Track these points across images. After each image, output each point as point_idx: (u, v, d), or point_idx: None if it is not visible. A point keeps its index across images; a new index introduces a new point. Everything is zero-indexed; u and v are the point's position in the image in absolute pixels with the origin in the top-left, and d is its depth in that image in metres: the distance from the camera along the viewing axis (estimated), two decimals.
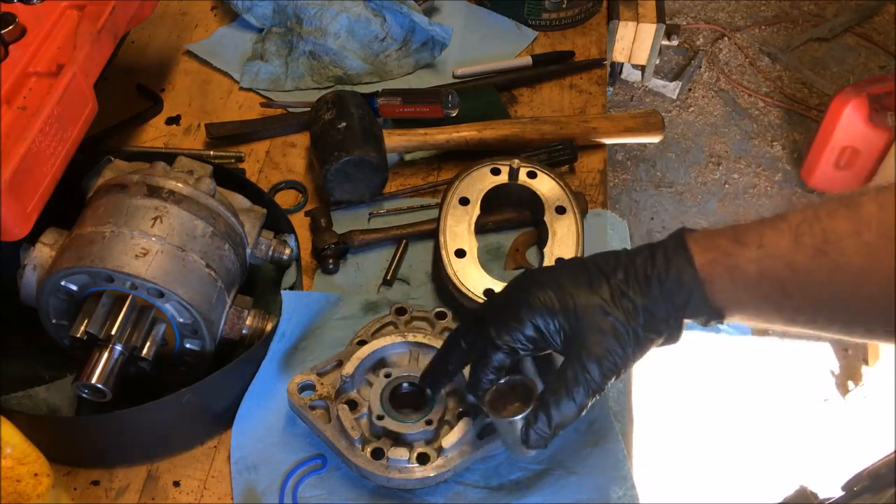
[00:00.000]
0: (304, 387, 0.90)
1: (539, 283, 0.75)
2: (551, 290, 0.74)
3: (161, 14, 1.42)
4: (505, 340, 0.75)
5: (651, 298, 0.73)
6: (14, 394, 0.93)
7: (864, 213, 0.66)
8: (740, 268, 0.70)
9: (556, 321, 0.74)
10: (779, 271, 0.69)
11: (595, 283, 0.74)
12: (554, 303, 0.74)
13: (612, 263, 0.75)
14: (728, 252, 0.71)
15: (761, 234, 0.70)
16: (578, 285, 0.74)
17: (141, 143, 1.23)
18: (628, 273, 0.74)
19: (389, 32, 1.33)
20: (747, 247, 0.70)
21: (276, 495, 0.88)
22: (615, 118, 1.23)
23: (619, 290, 0.73)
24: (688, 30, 3.35)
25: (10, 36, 0.91)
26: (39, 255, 0.89)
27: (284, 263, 1.01)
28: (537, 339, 0.75)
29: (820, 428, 2.26)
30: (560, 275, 0.76)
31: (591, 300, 0.73)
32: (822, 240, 0.66)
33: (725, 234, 0.73)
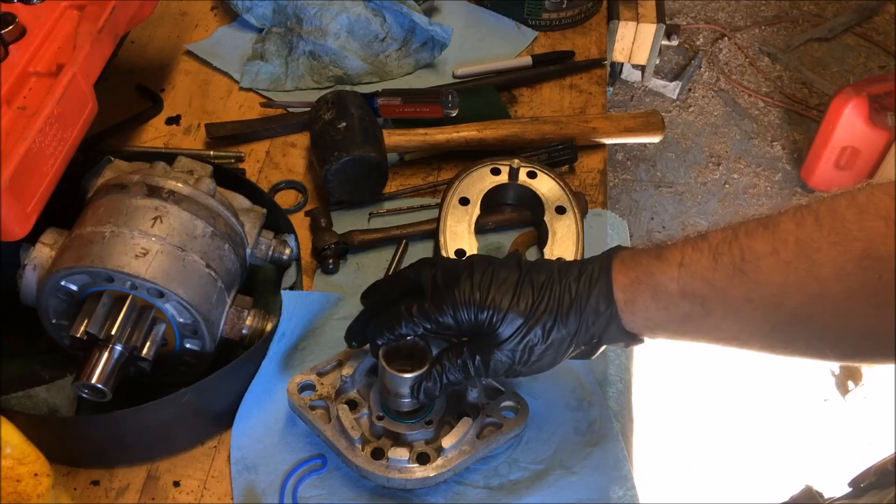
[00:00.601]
0: (304, 387, 0.90)
1: (470, 278, 0.78)
2: (478, 291, 0.77)
3: (161, 14, 1.42)
4: (419, 326, 0.79)
5: (567, 327, 0.76)
6: (14, 394, 0.92)
7: (780, 232, 0.67)
8: (661, 286, 0.72)
9: (475, 314, 0.77)
10: (698, 289, 0.70)
11: (521, 296, 0.77)
12: (476, 301, 0.77)
13: (545, 278, 0.78)
14: (650, 270, 0.73)
15: (683, 253, 0.72)
16: (506, 293, 0.77)
17: (141, 143, 1.23)
18: (552, 296, 0.77)
19: (389, 32, 1.33)
20: (669, 265, 0.72)
21: (276, 495, 0.88)
22: (615, 118, 1.23)
23: (539, 311, 0.76)
24: (688, 30, 3.35)
25: (10, 36, 0.91)
26: (39, 255, 0.89)
27: (284, 263, 1.01)
28: (451, 326, 0.79)
29: (820, 428, 2.26)
30: (492, 277, 0.78)
31: (512, 311, 0.76)
32: (740, 258, 0.68)
33: (649, 252, 0.75)
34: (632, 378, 1.01)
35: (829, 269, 0.64)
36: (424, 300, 0.80)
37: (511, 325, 0.76)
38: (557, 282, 0.77)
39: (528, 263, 0.81)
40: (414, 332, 0.80)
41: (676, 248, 0.73)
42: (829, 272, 0.64)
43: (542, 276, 0.78)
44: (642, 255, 0.76)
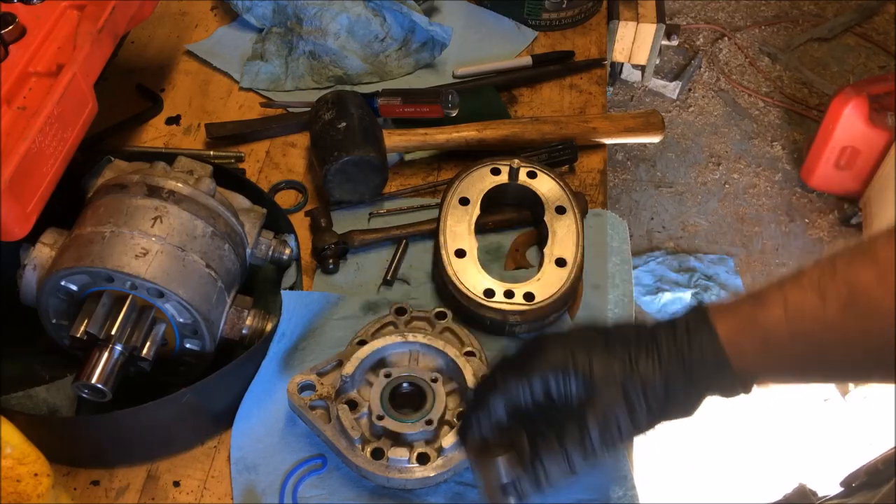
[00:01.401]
0: (304, 387, 0.90)
1: (555, 342, 0.72)
2: (568, 350, 0.70)
3: (161, 14, 1.42)
4: (509, 387, 0.71)
5: (671, 377, 0.69)
6: (14, 394, 0.93)
7: (882, 259, 0.64)
8: (771, 331, 0.67)
9: (568, 381, 0.70)
10: (812, 329, 0.66)
11: (613, 351, 0.70)
12: (568, 362, 0.70)
13: (633, 335, 0.71)
14: (753, 317, 0.68)
15: (784, 295, 0.67)
16: (596, 350, 0.70)
17: (141, 143, 1.23)
18: (649, 347, 0.70)
19: (389, 32, 1.33)
20: (772, 308, 0.67)
21: (276, 495, 0.88)
22: (615, 118, 1.23)
23: (638, 362, 0.70)
24: (688, 30, 3.35)
25: (10, 36, 0.91)
26: (39, 255, 0.89)
27: (284, 263, 1.01)
28: (543, 395, 0.71)
29: (820, 427, 2.26)
30: (578, 338, 0.72)
31: (609, 367, 0.70)
32: (848, 292, 0.64)
33: (745, 300, 0.70)
34: None
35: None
36: (509, 371, 0.71)
37: (609, 388, 0.69)
38: (650, 338, 0.70)
39: (607, 326, 0.73)
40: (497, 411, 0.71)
41: (774, 291, 0.68)
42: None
43: (629, 333, 0.71)
44: (738, 303, 0.70)
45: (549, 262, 1.03)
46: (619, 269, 1.10)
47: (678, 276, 2.55)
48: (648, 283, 2.54)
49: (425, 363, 0.93)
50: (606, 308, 1.04)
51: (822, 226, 2.72)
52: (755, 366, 0.69)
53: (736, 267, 2.61)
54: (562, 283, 1.01)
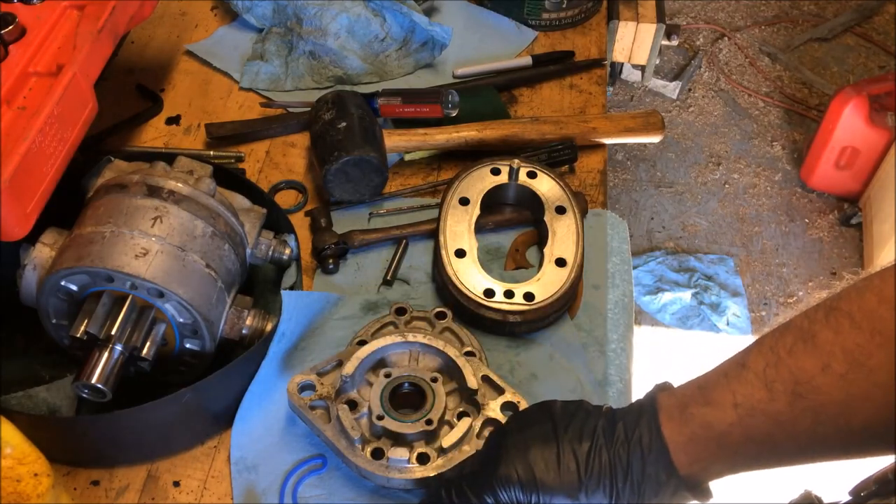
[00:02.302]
0: (304, 387, 0.90)
1: (507, 456, 0.73)
2: (518, 466, 0.72)
3: (161, 14, 1.42)
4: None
5: (619, 495, 0.71)
6: (14, 394, 0.93)
7: (822, 343, 0.63)
8: (724, 435, 0.67)
9: (517, 500, 0.72)
10: (763, 426, 0.66)
11: (565, 471, 0.71)
12: (517, 480, 0.72)
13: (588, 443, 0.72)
14: (706, 422, 0.68)
15: (732, 391, 0.67)
16: (547, 469, 0.71)
17: (141, 143, 1.23)
18: (601, 468, 0.71)
19: (389, 32, 1.33)
20: (724, 409, 0.67)
21: (276, 495, 0.88)
22: (615, 118, 1.23)
23: (588, 484, 0.71)
24: (688, 30, 3.35)
25: (10, 36, 0.91)
26: (39, 255, 0.89)
27: (284, 263, 1.01)
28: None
29: None
30: (529, 445, 0.73)
31: (559, 492, 0.71)
32: (794, 382, 0.64)
33: (695, 398, 0.70)
34: (631, 378, 1.01)
35: (885, 375, 0.60)
36: (462, 483, 0.74)
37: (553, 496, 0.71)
38: (605, 449, 0.71)
39: (563, 420, 0.74)
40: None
41: (721, 387, 0.68)
42: (885, 377, 0.60)
43: (584, 443, 0.72)
44: (688, 402, 0.70)
45: (549, 262, 1.03)
46: (619, 269, 1.10)
47: (678, 276, 2.56)
48: (648, 283, 2.54)
49: (425, 363, 0.93)
50: (606, 308, 1.05)
51: (822, 226, 2.72)
52: (707, 471, 0.70)
53: (736, 267, 2.61)
54: (562, 283, 1.01)
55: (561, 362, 0.99)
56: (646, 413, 0.72)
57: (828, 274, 2.59)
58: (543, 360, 0.99)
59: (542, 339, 1.01)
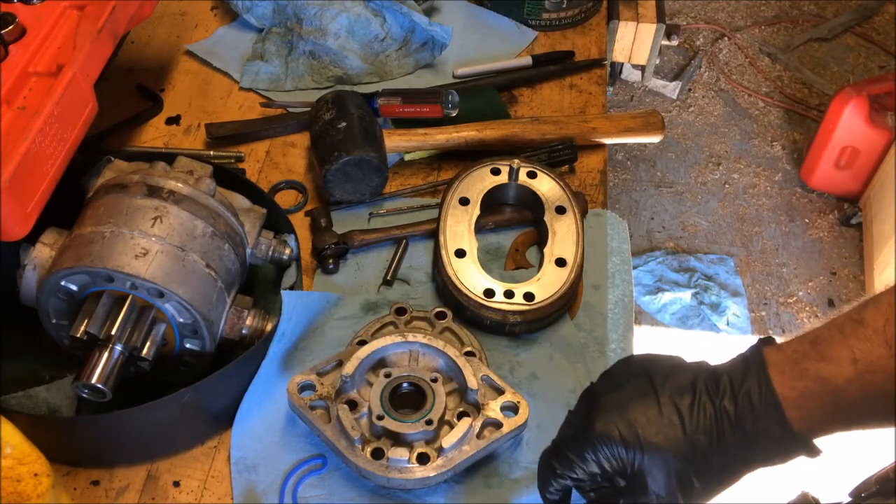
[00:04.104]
0: (304, 387, 0.90)
1: (605, 414, 0.70)
2: (618, 423, 0.69)
3: (161, 14, 1.42)
4: (564, 472, 0.72)
5: (730, 458, 0.68)
6: (14, 394, 0.93)
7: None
8: (842, 391, 0.65)
9: (619, 457, 0.69)
10: (883, 383, 0.64)
11: (667, 420, 0.68)
12: (619, 436, 0.69)
13: (689, 398, 0.69)
14: (821, 377, 0.65)
15: (850, 347, 0.65)
16: (647, 424, 0.68)
17: (141, 143, 1.23)
18: (708, 418, 0.68)
19: (389, 32, 1.33)
20: (841, 364, 0.65)
21: (276, 495, 0.88)
22: (615, 118, 1.23)
23: (695, 439, 0.68)
24: (688, 30, 3.35)
25: (10, 36, 0.91)
26: (39, 255, 0.89)
27: (284, 263, 1.01)
28: (599, 473, 0.71)
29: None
30: (629, 400, 0.70)
31: (660, 447, 0.68)
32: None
33: (808, 353, 0.67)
34: None
35: None
36: (562, 447, 0.72)
37: (662, 464, 0.67)
38: (709, 402, 0.68)
39: (660, 374, 0.71)
40: (563, 486, 0.72)
41: (838, 343, 0.65)
42: None
43: (686, 396, 0.69)
44: (801, 357, 0.67)
45: (549, 262, 1.03)
46: (619, 269, 1.10)
47: (678, 276, 2.55)
48: (648, 283, 2.54)
49: (425, 363, 0.93)
50: (606, 308, 1.04)
51: (821, 226, 2.72)
52: (820, 427, 0.67)
53: (736, 267, 2.61)
54: (562, 283, 1.01)
55: (561, 362, 0.99)
56: (753, 367, 0.68)
57: (828, 274, 2.59)
58: (543, 360, 0.99)
59: (542, 339, 1.01)
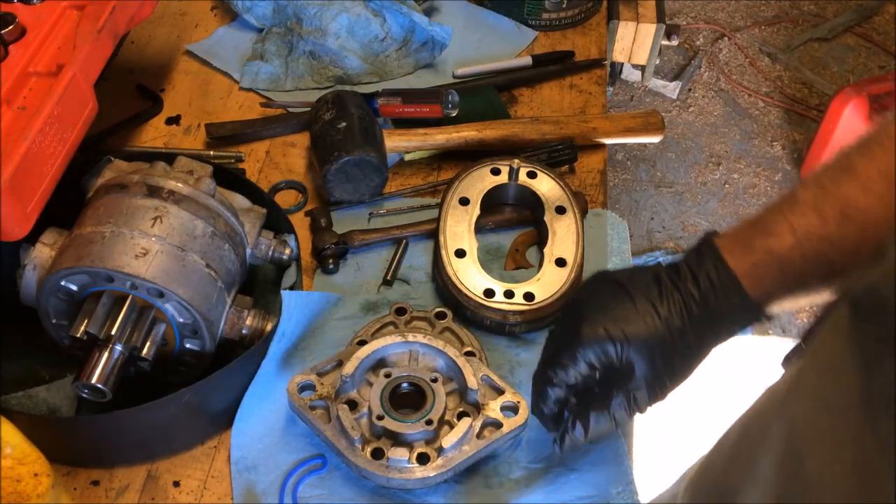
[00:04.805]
0: (304, 387, 0.90)
1: (590, 321, 0.77)
2: (604, 324, 0.76)
3: (161, 14, 1.42)
4: (559, 379, 0.78)
5: (701, 328, 0.75)
6: (14, 394, 0.93)
7: (860, 171, 0.70)
8: (786, 258, 0.73)
9: (608, 354, 0.76)
10: (818, 248, 0.72)
11: (643, 312, 0.76)
12: (607, 336, 0.76)
13: (655, 289, 0.77)
14: (767, 248, 0.74)
15: (788, 221, 0.73)
16: (626, 315, 0.76)
17: (141, 143, 1.23)
18: (675, 301, 0.76)
19: (389, 32, 1.33)
20: (782, 236, 0.73)
21: (276, 495, 0.88)
22: (615, 118, 1.23)
23: (670, 322, 0.75)
24: (688, 30, 3.35)
25: (10, 36, 0.91)
26: (39, 255, 0.89)
27: (284, 263, 1.01)
28: (589, 375, 0.78)
29: None
30: (607, 303, 0.77)
31: (642, 332, 0.75)
32: (840, 206, 0.70)
33: (753, 233, 0.75)
34: None
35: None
36: (553, 360, 0.79)
37: (647, 350, 0.75)
38: (675, 289, 0.76)
39: (626, 278, 0.79)
40: (557, 396, 0.79)
41: (777, 220, 0.74)
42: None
43: (653, 289, 0.77)
44: (747, 237, 0.76)
45: (549, 262, 1.03)
46: (619, 268, 1.10)
47: None
48: None
49: (425, 363, 0.93)
50: None
51: None
52: (771, 294, 0.75)
53: None
54: (562, 283, 1.01)
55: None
56: (706, 253, 0.77)
57: None
58: None
59: (542, 339, 1.01)
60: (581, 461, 0.90)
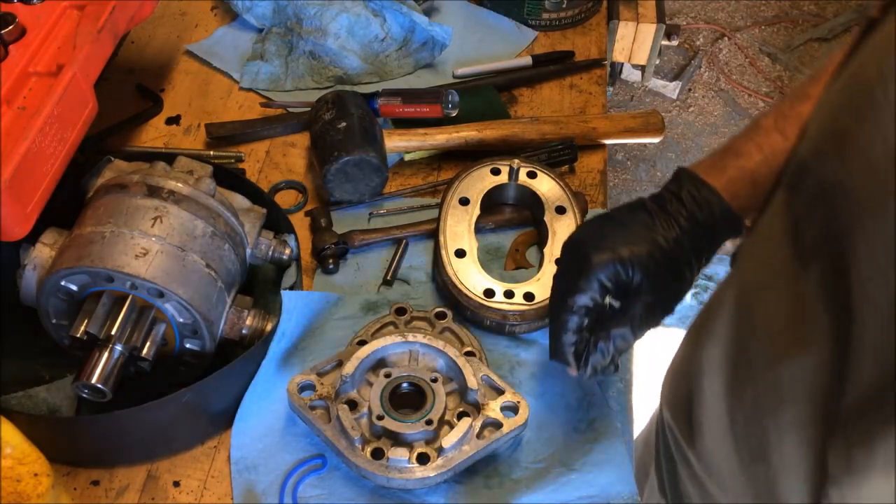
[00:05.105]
0: (304, 387, 0.90)
1: (595, 251, 0.82)
2: (610, 248, 0.82)
3: (161, 14, 1.42)
4: (578, 303, 0.82)
5: (695, 240, 0.83)
6: (14, 394, 0.93)
7: (813, 95, 0.77)
8: (757, 173, 0.81)
9: (619, 274, 0.81)
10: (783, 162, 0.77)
11: (643, 236, 0.82)
12: (613, 259, 0.81)
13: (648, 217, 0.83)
14: (740, 166, 0.82)
15: (756, 143, 0.82)
16: (626, 239, 0.82)
17: (141, 143, 1.23)
18: (668, 222, 0.83)
19: (389, 32, 1.33)
20: (751, 155, 0.82)
21: (276, 495, 0.88)
22: (615, 118, 1.23)
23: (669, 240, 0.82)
24: (688, 30, 3.35)
25: (10, 36, 0.91)
26: (39, 255, 0.89)
27: (284, 263, 1.01)
28: (603, 295, 0.83)
29: None
30: (606, 233, 0.84)
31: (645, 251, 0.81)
32: (799, 125, 0.76)
33: (724, 157, 0.84)
34: (632, 378, 1.01)
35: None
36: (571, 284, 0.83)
37: (653, 265, 0.81)
38: (661, 213, 0.82)
39: (615, 213, 0.85)
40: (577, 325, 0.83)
41: (746, 143, 0.82)
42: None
43: (642, 214, 0.83)
44: (719, 160, 0.83)
45: (549, 262, 1.03)
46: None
47: None
48: None
49: (425, 363, 0.93)
50: None
51: None
52: (747, 207, 0.83)
53: None
54: None
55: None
56: (684, 178, 0.84)
57: None
58: (543, 360, 0.99)
59: (542, 339, 1.01)
60: (581, 461, 0.90)
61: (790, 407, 0.57)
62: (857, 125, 0.53)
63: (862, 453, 0.50)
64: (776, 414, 0.59)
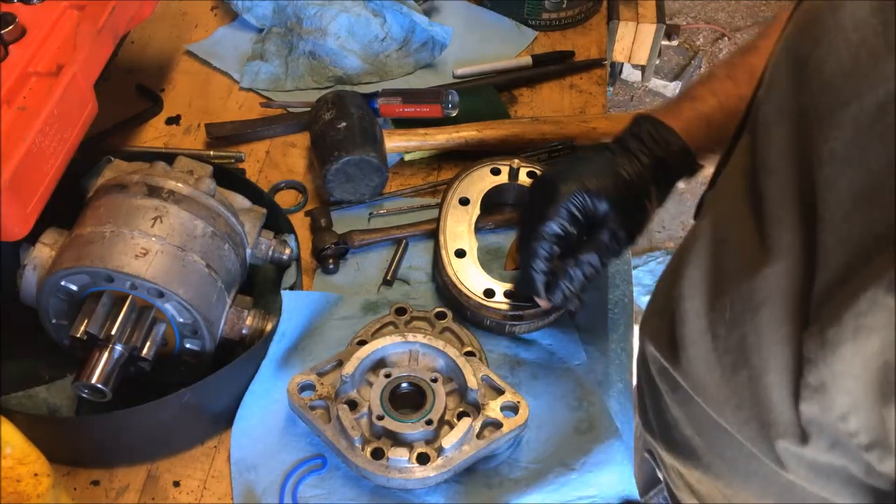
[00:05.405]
0: (304, 387, 0.90)
1: (562, 183, 0.88)
2: (577, 181, 0.87)
3: (161, 14, 1.42)
4: (548, 231, 0.87)
5: (657, 174, 0.89)
6: (14, 394, 0.93)
7: (763, 48, 0.83)
8: (711, 116, 0.89)
9: (586, 203, 0.87)
10: (736, 105, 0.82)
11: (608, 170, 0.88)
12: (581, 189, 0.87)
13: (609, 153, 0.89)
14: (695, 109, 0.89)
15: (709, 88, 0.90)
16: (591, 175, 0.88)
17: (141, 143, 1.23)
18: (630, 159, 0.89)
19: (389, 32, 1.33)
20: (705, 99, 0.89)
21: (276, 495, 0.88)
22: (615, 118, 1.23)
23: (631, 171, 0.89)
24: (688, 30, 3.35)
25: (10, 36, 0.91)
26: (39, 255, 0.89)
27: (284, 263, 1.01)
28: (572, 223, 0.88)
29: None
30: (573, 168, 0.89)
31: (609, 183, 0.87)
32: (749, 72, 0.85)
33: (679, 102, 0.91)
34: (632, 378, 1.01)
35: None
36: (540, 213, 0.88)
37: (617, 197, 0.86)
38: (623, 151, 0.89)
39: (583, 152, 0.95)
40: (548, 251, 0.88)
41: (700, 88, 0.90)
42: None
43: (606, 154, 0.90)
44: (674, 105, 0.91)
45: None
46: (619, 269, 1.10)
47: None
48: (648, 283, 2.54)
49: (425, 363, 0.93)
50: (606, 308, 1.04)
51: None
52: (702, 147, 0.90)
53: None
54: None
55: (561, 362, 0.99)
56: (643, 121, 0.91)
57: None
58: (543, 360, 0.99)
59: (542, 339, 1.01)
60: (581, 461, 0.90)
61: (766, 310, 0.60)
62: (811, 52, 0.58)
63: (833, 331, 0.52)
64: (754, 319, 0.61)
